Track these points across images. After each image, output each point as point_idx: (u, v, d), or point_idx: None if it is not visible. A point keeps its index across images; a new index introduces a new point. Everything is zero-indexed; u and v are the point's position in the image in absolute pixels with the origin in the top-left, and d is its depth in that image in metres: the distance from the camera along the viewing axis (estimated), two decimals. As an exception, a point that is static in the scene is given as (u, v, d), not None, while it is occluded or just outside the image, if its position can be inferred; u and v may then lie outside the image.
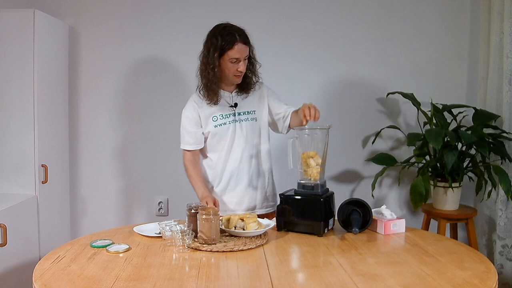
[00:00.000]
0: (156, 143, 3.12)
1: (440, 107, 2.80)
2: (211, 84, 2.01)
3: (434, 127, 2.73)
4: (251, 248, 1.65)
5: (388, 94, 2.94)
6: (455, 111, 2.83)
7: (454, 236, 2.89)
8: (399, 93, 2.89)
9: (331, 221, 1.88)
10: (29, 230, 2.56)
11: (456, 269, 1.45)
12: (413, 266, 1.48)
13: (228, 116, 2.09)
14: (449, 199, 2.67)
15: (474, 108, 2.78)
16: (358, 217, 1.82)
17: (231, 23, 2.01)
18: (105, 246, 1.66)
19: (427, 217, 2.82)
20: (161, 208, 3.13)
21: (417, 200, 2.66)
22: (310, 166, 1.89)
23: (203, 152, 2.18)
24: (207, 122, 2.09)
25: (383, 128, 2.96)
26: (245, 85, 2.10)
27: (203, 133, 2.11)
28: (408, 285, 1.33)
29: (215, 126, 2.08)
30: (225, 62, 1.99)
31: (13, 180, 2.61)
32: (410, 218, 3.07)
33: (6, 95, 2.58)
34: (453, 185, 2.62)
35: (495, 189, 2.69)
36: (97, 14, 3.07)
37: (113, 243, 1.69)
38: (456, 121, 2.81)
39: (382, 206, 1.96)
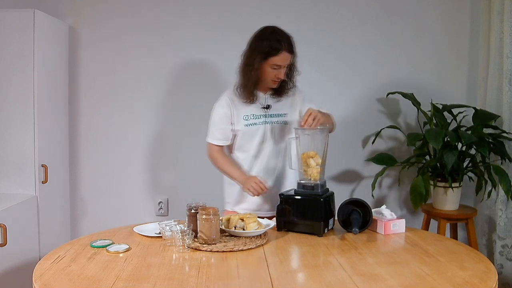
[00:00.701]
0: (156, 143, 3.12)
1: (440, 107, 2.80)
2: (250, 85, 2.04)
3: (434, 127, 2.73)
4: (251, 248, 1.65)
5: (388, 94, 2.94)
6: (455, 111, 2.83)
7: (454, 236, 2.89)
8: (399, 93, 2.89)
9: (331, 221, 1.88)
10: (29, 230, 2.56)
11: (456, 269, 1.45)
12: (413, 266, 1.48)
13: (259, 116, 2.09)
14: (449, 199, 2.67)
15: (474, 108, 2.78)
16: (358, 217, 1.82)
17: (280, 28, 2.02)
18: (105, 246, 1.66)
19: (427, 217, 2.82)
20: (161, 208, 3.13)
21: (417, 200, 2.66)
22: (310, 166, 1.89)
23: (229, 148, 2.18)
24: (239, 121, 2.09)
25: (383, 128, 2.96)
26: (280, 89, 2.11)
27: (232, 130, 2.11)
28: (408, 285, 1.33)
29: (246, 126, 2.09)
30: (266, 67, 2.00)
31: (13, 180, 2.61)
32: (410, 218, 3.07)
33: (6, 95, 2.58)
34: (453, 185, 2.62)
35: (495, 189, 2.69)
36: (97, 14, 3.06)
37: (113, 243, 1.69)
38: (456, 121, 2.81)
39: (382, 206, 1.96)
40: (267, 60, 1.98)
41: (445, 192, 2.66)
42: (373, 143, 3.02)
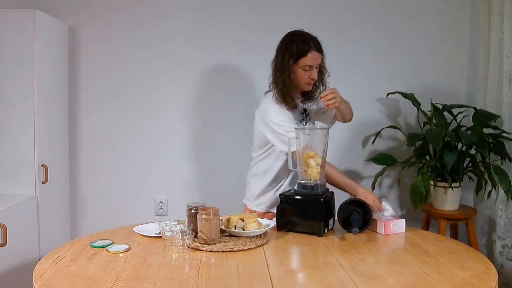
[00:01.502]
0: (156, 143, 3.12)
1: (440, 107, 2.80)
2: (288, 90, 2.02)
3: (434, 127, 2.73)
4: (251, 248, 1.65)
5: (388, 94, 2.94)
6: (455, 111, 2.83)
7: (454, 236, 2.89)
8: (399, 93, 2.89)
9: (331, 221, 1.88)
10: (29, 230, 2.56)
11: (456, 269, 1.45)
12: (413, 266, 1.48)
13: (300, 122, 2.12)
14: (449, 199, 2.67)
15: (474, 108, 2.78)
16: (358, 217, 1.82)
17: (305, 31, 2.05)
18: (105, 246, 1.65)
19: (427, 217, 2.82)
20: (161, 208, 3.13)
21: (417, 200, 2.66)
22: (310, 166, 1.89)
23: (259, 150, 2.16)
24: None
25: (383, 128, 2.96)
26: (310, 93, 2.13)
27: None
28: (408, 285, 1.33)
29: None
30: (298, 69, 2.01)
31: (13, 180, 2.61)
32: (410, 218, 3.06)
33: (6, 95, 2.58)
34: (453, 185, 2.62)
35: (495, 189, 2.69)
36: (97, 14, 3.06)
37: (113, 243, 1.69)
38: (456, 121, 2.81)
39: (382, 199, 1.96)
40: (297, 62, 2.00)
41: (445, 192, 2.66)
42: (373, 143, 3.02)
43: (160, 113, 3.10)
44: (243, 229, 1.76)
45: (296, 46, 1.99)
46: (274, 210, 2.10)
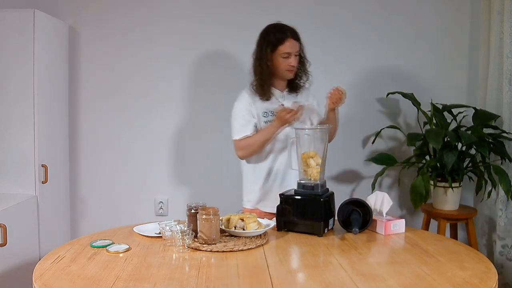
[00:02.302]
0: (156, 143, 3.12)
1: (440, 107, 2.80)
2: (265, 79, 2.11)
3: (434, 127, 2.73)
4: (251, 248, 1.65)
5: (388, 94, 2.94)
6: (455, 111, 2.83)
7: (454, 236, 2.89)
8: (399, 93, 2.89)
9: (331, 221, 1.88)
10: (29, 230, 2.56)
11: (456, 269, 1.45)
12: (413, 266, 1.48)
13: (273, 114, 2.13)
14: (449, 199, 2.67)
15: (474, 108, 2.78)
16: (358, 217, 1.82)
17: (282, 22, 2.13)
18: (105, 246, 1.66)
19: (427, 217, 2.82)
20: (161, 208, 3.13)
21: (417, 200, 2.66)
22: (310, 166, 1.89)
23: None
24: (259, 118, 2.14)
25: (383, 128, 2.96)
26: (296, 85, 2.19)
27: (255, 124, 2.14)
28: (408, 285, 1.33)
29: (265, 122, 2.13)
30: (277, 58, 2.09)
31: (13, 180, 2.61)
32: (410, 218, 3.07)
33: (6, 95, 2.58)
34: (453, 185, 2.62)
35: (495, 189, 2.69)
36: (97, 14, 3.06)
37: (113, 243, 1.69)
38: (456, 121, 2.81)
39: (384, 195, 1.93)
40: (276, 50, 2.08)
41: (445, 192, 2.66)
42: (373, 143, 3.02)
43: (160, 113, 3.10)
44: (243, 229, 1.76)
45: (273, 35, 2.09)
46: (262, 207, 2.17)
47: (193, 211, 1.75)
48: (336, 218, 1.91)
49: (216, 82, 3.07)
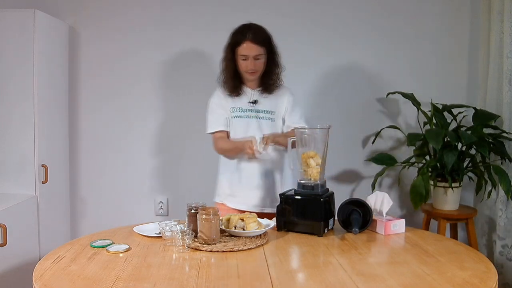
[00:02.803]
0: (156, 143, 3.12)
1: (440, 107, 2.80)
2: (230, 76, 2.14)
3: (434, 127, 2.73)
4: (251, 248, 1.65)
5: (388, 94, 2.94)
6: (455, 111, 2.83)
7: (454, 236, 2.89)
8: (399, 93, 2.89)
9: (331, 221, 1.88)
10: (29, 230, 2.56)
11: (456, 269, 1.45)
12: (413, 266, 1.48)
13: (245, 110, 2.17)
14: (449, 199, 2.67)
15: (474, 108, 2.78)
16: (358, 217, 1.82)
17: (255, 23, 2.12)
18: (105, 246, 1.65)
19: (427, 217, 2.82)
20: (161, 208, 3.13)
21: (417, 200, 2.66)
22: (310, 166, 1.89)
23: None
24: (228, 113, 2.18)
25: (383, 128, 2.96)
26: (268, 86, 2.19)
27: (227, 117, 2.19)
28: (408, 285, 1.33)
29: (233, 117, 2.17)
30: (237, 59, 2.10)
31: (13, 180, 2.61)
32: (410, 218, 3.07)
33: (6, 95, 2.58)
34: (453, 185, 2.62)
35: (495, 189, 2.69)
36: (97, 14, 3.07)
37: (113, 243, 1.69)
38: (456, 121, 2.81)
39: (384, 194, 1.93)
40: (235, 51, 2.09)
41: (445, 192, 2.66)
42: (373, 143, 3.02)
43: (160, 113, 3.10)
44: (243, 229, 1.76)
45: (234, 36, 2.10)
46: (228, 203, 2.21)
47: (193, 211, 1.75)
48: (336, 218, 1.91)
49: (216, 83, 3.06)
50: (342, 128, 3.03)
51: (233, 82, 2.15)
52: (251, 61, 2.08)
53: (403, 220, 1.90)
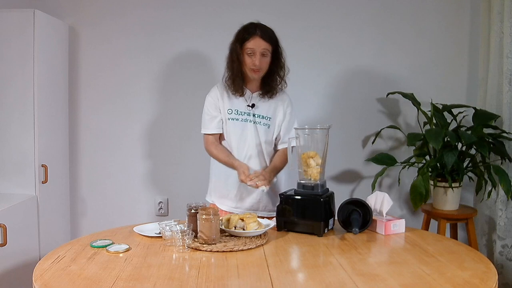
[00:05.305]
0: (156, 143, 3.12)
1: (440, 107, 2.80)
2: (237, 74, 2.10)
3: (434, 127, 2.73)
4: (251, 248, 1.65)
5: (388, 94, 2.94)
6: (455, 111, 2.83)
7: (454, 236, 2.89)
8: (399, 93, 2.89)
9: (331, 221, 1.88)
10: (29, 230, 2.56)
11: (456, 269, 1.45)
12: (413, 266, 1.48)
13: (242, 113, 2.15)
14: (449, 199, 2.67)
15: (474, 108, 2.78)
16: (358, 217, 1.82)
17: (261, 23, 2.11)
18: (105, 246, 1.66)
19: (427, 217, 2.82)
20: (161, 208, 3.13)
21: (417, 200, 2.66)
22: (310, 166, 1.89)
23: (221, 138, 2.24)
24: (224, 114, 2.16)
25: (383, 128, 2.96)
26: (269, 88, 2.16)
27: (221, 119, 2.17)
28: (408, 285, 1.33)
29: (228, 119, 2.15)
30: (244, 55, 2.07)
31: (13, 180, 2.61)
32: (410, 218, 3.07)
33: (6, 95, 2.58)
34: (453, 185, 2.62)
35: (495, 189, 2.69)
36: (97, 14, 3.07)
37: (113, 243, 1.69)
38: (456, 121, 2.81)
39: (384, 195, 1.93)
40: (243, 47, 2.07)
41: (445, 192, 2.66)
42: (373, 143, 3.02)
43: (160, 113, 3.10)
44: (243, 229, 1.76)
45: (242, 32, 2.09)
46: (219, 204, 2.21)
47: (193, 211, 1.75)
48: (336, 218, 1.91)
49: (217, 82, 3.06)
50: (342, 128, 3.03)
51: (240, 80, 2.12)
52: (258, 56, 2.06)
53: (403, 220, 1.90)
